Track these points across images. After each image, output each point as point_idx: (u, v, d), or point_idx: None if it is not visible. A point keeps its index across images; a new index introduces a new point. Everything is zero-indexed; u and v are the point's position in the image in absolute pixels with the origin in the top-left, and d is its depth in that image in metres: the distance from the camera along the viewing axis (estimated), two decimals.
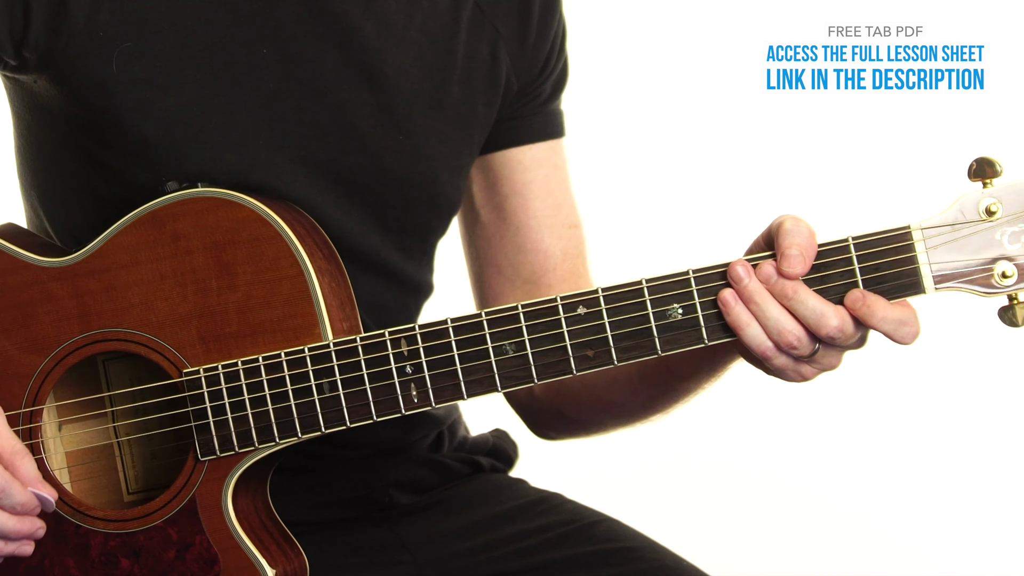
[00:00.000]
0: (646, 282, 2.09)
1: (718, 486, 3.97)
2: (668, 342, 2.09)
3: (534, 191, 2.45)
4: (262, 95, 2.25)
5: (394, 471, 2.42)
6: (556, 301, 2.10)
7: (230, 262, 2.17)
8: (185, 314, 2.17)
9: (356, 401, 2.14)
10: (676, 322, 2.08)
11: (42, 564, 2.20)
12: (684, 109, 3.81)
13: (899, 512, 3.94)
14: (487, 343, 2.11)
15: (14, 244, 2.22)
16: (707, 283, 2.08)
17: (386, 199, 2.33)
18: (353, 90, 2.28)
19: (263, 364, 2.15)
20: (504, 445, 2.58)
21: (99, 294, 2.19)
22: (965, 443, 3.91)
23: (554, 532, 2.39)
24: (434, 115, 2.34)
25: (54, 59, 2.21)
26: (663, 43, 3.81)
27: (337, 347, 2.14)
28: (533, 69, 2.43)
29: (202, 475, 2.17)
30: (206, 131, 2.23)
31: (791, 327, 2.02)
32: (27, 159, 2.36)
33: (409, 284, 2.40)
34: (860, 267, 2.04)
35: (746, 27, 3.64)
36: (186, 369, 2.17)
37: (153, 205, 2.19)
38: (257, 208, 2.17)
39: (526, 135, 2.46)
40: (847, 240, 2.05)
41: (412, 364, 2.13)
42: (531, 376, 2.11)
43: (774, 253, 2.04)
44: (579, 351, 2.10)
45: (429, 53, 2.33)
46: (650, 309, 2.08)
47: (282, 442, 2.16)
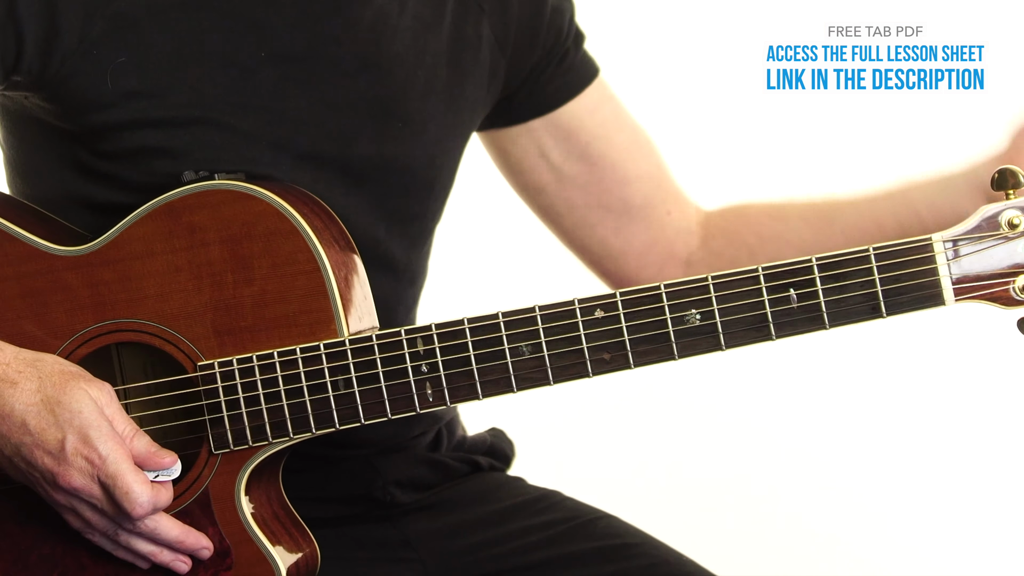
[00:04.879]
0: (664, 287, 2.08)
1: (716, 482, 3.96)
2: (685, 347, 2.09)
3: (611, 128, 2.53)
4: (262, 98, 2.24)
5: (394, 470, 2.42)
6: (574, 304, 2.10)
7: (246, 256, 2.16)
8: (200, 306, 2.17)
9: (371, 399, 2.13)
10: (694, 327, 2.08)
11: (54, 553, 2.20)
12: (684, 109, 3.80)
13: (899, 508, 3.94)
14: (504, 344, 2.11)
15: (25, 228, 2.20)
16: (726, 290, 2.07)
17: (390, 188, 2.33)
18: (351, 83, 2.28)
19: (278, 360, 2.15)
20: (501, 444, 2.58)
21: (114, 284, 2.18)
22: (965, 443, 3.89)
23: (555, 529, 2.40)
24: (428, 100, 2.34)
25: (47, 81, 2.20)
26: (663, 43, 3.80)
27: (353, 344, 2.13)
28: (522, 40, 2.44)
29: (215, 468, 2.17)
30: (207, 135, 2.22)
31: None
32: (17, 168, 2.34)
33: (409, 275, 2.40)
34: (880, 277, 2.04)
35: (746, 27, 3.62)
36: (200, 362, 2.16)
37: (169, 197, 2.17)
38: (274, 202, 2.16)
39: (576, 85, 2.51)
40: (868, 250, 2.04)
41: (428, 363, 2.12)
42: (547, 378, 2.11)
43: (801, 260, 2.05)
44: (596, 354, 2.10)
45: (421, 39, 2.34)
46: (668, 314, 2.08)
47: (296, 437, 2.16)
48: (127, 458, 2.08)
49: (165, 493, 2.11)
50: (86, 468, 2.08)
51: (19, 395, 2.08)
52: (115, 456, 2.07)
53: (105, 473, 2.07)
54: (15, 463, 2.10)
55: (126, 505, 2.08)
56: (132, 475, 2.08)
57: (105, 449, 2.07)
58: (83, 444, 2.07)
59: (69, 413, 2.07)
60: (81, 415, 2.07)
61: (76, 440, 2.07)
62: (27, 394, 2.08)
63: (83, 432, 2.07)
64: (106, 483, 2.08)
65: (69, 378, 2.10)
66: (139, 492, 2.08)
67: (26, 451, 2.08)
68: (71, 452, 2.07)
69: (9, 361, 2.10)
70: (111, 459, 2.07)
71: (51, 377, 2.09)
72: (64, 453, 2.07)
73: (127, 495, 2.07)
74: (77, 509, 2.11)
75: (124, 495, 2.07)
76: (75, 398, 2.08)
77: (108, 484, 2.07)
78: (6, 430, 2.08)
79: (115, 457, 2.07)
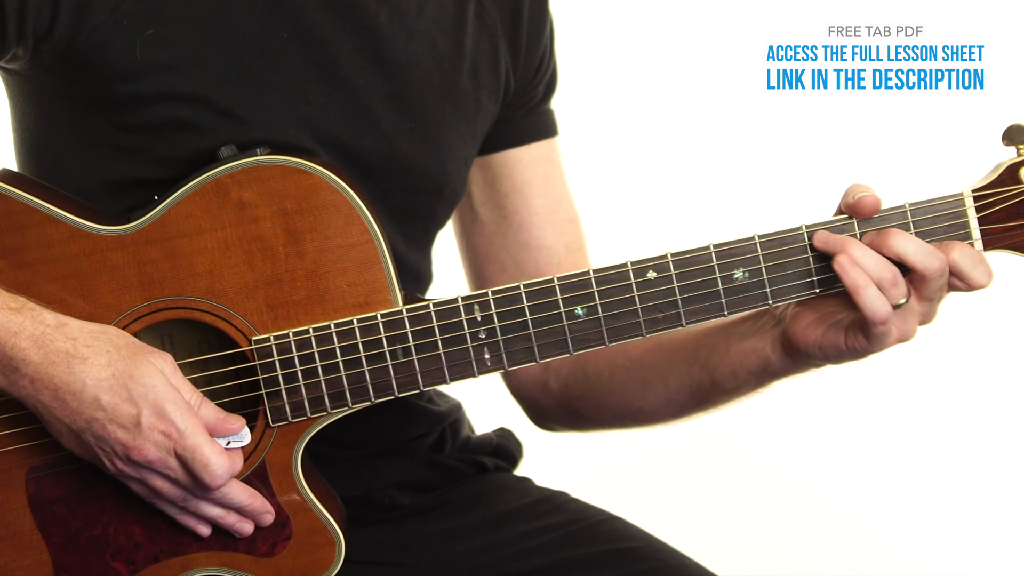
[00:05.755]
0: (714, 247, 2.18)
1: (724, 485, 3.98)
2: (734, 304, 2.18)
3: (535, 189, 2.51)
4: (285, 77, 2.26)
5: (395, 472, 2.43)
6: (627, 266, 2.18)
7: (298, 229, 2.18)
8: (252, 282, 2.18)
9: (430, 366, 2.18)
10: (742, 284, 2.18)
11: (106, 533, 2.19)
12: (684, 109, 3.83)
13: (903, 511, 3.98)
14: (560, 307, 2.18)
15: (64, 210, 2.18)
16: (771, 248, 2.18)
17: (396, 185, 2.35)
18: (368, 76, 2.31)
19: (335, 331, 2.18)
20: (508, 444, 2.58)
21: (162, 263, 2.18)
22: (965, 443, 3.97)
23: (558, 532, 2.41)
24: (444, 105, 2.37)
25: (76, 49, 2.19)
26: (663, 43, 3.82)
27: (410, 313, 2.18)
28: (528, 71, 2.49)
29: (271, 440, 2.19)
30: (233, 109, 2.23)
31: (888, 268, 2.12)
32: (32, 149, 2.32)
33: (410, 272, 2.40)
34: (916, 232, 2.17)
35: (746, 27, 3.66)
36: (255, 337, 2.18)
37: (216, 173, 2.18)
38: (325, 176, 2.18)
39: (524, 135, 2.51)
40: (904, 207, 2.17)
41: (486, 329, 2.18)
42: (603, 338, 2.18)
43: (845, 217, 2.16)
44: (649, 314, 2.18)
45: (439, 44, 2.37)
46: (718, 273, 2.18)
47: (355, 406, 2.19)
48: (203, 430, 2.10)
49: (239, 460, 2.14)
50: (163, 442, 2.08)
51: (90, 370, 2.07)
52: (192, 429, 2.08)
53: (183, 446, 2.08)
54: (83, 438, 2.09)
55: (205, 477, 2.09)
56: (209, 447, 2.09)
57: (183, 423, 2.08)
58: (159, 419, 2.08)
59: (143, 388, 2.08)
60: (156, 389, 2.08)
61: (151, 415, 2.08)
62: (98, 368, 2.07)
63: (158, 406, 2.08)
64: (183, 456, 2.09)
65: (136, 351, 2.10)
66: (217, 464, 2.09)
67: (98, 426, 2.08)
68: (147, 426, 2.08)
69: (76, 336, 2.09)
70: (188, 432, 2.08)
71: (120, 351, 2.09)
72: (140, 428, 2.07)
73: (206, 467, 2.09)
74: (146, 480, 2.12)
75: (203, 468, 2.09)
76: (146, 372, 2.08)
77: (186, 457, 2.09)
78: (76, 406, 2.07)
79: (192, 430, 2.08)
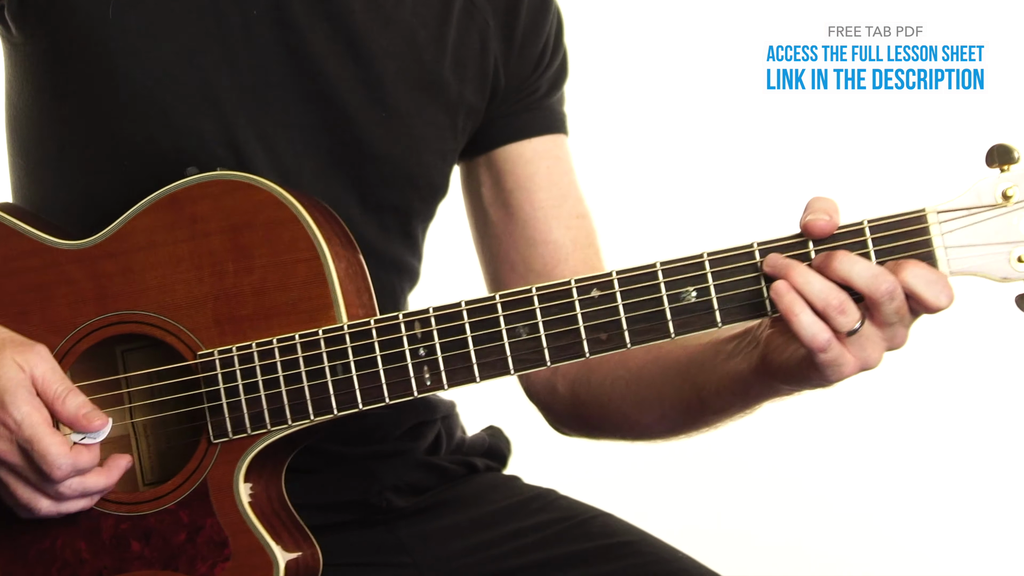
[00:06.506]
0: (660, 265, 2.08)
1: (712, 479, 3.95)
2: (681, 325, 2.08)
3: (538, 183, 2.46)
4: (251, 56, 2.29)
5: (391, 475, 2.41)
6: (570, 284, 2.10)
7: (247, 245, 2.18)
8: (201, 296, 2.18)
9: (369, 383, 2.13)
10: (690, 305, 2.07)
11: (54, 546, 2.19)
12: (684, 109, 3.83)
13: (897, 509, 3.92)
14: (500, 326, 2.11)
15: (28, 224, 2.24)
16: (721, 266, 2.07)
17: (366, 174, 2.35)
18: (339, 63, 2.32)
19: (277, 346, 2.15)
20: (499, 443, 2.57)
21: (116, 276, 2.20)
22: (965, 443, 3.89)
23: (551, 529, 2.38)
24: (420, 97, 2.37)
25: (54, 2, 2.25)
26: (664, 43, 3.84)
27: (351, 329, 2.14)
28: (524, 67, 2.46)
29: (214, 458, 2.17)
30: (193, 85, 2.27)
31: (835, 293, 1.99)
32: (17, 125, 2.38)
33: (390, 264, 2.39)
34: (875, 250, 2.03)
35: (746, 27, 3.66)
36: (200, 351, 2.17)
37: (172, 188, 2.21)
38: (275, 191, 2.18)
39: (526, 130, 2.47)
40: (862, 223, 2.04)
41: (425, 347, 2.13)
42: (544, 359, 2.10)
43: (798, 234, 2.03)
44: (592, 334, 2.09)
45: (419, 35, 2.37)
46: (664, 292, 2.08)
47: (294, 424, 2.15)
48: (43, 421, 2.08)
49: (87, 455, 2.11)
50: (4, 433, 2.08)
51: None
52: (30, 420, 2.08)
53: (21, 437, 2.08)
54: None
55: (45, 468, 2.08)
56: (49, 438, 2.08)
57: (19, 413, 2.08)
58: (0, 410, 2.08)
59: None
60: (0, 381, 2.08)
61: None
62: None
63: (0, 398, 2.08)
64: (24, 447, 2.08)
65: (3, 345, 2.11)
66: (56, 454, 2.08)
67: None
68: None
69: None
70: (26, 423, 2.08)
71: None
72: None
73: (44, 458, 2.07)
74: (5, 481, 2.11)
75: (42, 458, 2.07)
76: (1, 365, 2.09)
77: (26, 448, 2.08)
78: None
79: (30, 421, 2.08)
